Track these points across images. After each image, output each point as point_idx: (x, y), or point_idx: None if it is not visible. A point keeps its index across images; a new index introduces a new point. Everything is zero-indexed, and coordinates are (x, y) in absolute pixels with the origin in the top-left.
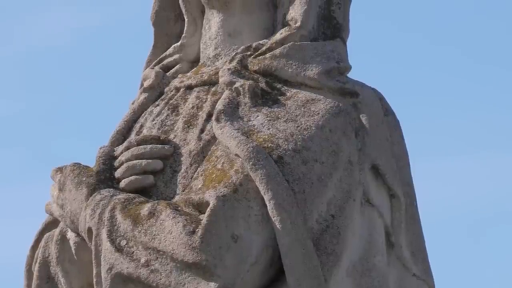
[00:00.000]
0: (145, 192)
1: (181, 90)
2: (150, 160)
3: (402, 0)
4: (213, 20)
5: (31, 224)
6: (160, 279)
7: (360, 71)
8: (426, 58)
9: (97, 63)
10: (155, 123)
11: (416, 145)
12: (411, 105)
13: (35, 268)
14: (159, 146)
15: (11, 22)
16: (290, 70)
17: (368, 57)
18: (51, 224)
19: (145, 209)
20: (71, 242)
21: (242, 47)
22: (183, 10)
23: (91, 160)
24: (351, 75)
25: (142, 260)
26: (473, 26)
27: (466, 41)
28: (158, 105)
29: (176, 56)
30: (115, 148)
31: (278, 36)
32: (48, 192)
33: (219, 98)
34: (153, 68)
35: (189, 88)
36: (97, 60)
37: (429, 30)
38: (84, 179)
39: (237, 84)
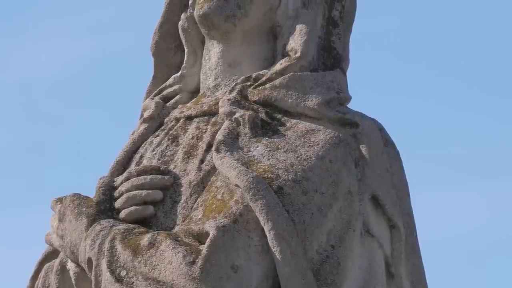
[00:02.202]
0: (145, 222)
1: (181, 120)
2: (150, 191)
3: (402, 31)
4: (213, 51)
5: (29, 254)
6: None
7: (360, 101)
8: (426, 89)
9: (92, 93)
10: (155, 154)
11: (416, 175)
12: (411, 136)
13: None
14: (159, 176)
15: (4, 53)
16: (290, 100)
17: (368, 88)
18: (51, 254)
19: (145, 239)
20: (71, 273)
21: (242, 77)
22: (183, 41)
23: (87, 190)
24: (351, 105)
25: None
26: (470, 57)
27: (464, 73)
28: (158, 135)
29: (176, 87)
30: (115, 179)
31: (278, 66)
32: (44, 222)
33: (219, 128)
34: (153, 99)
35: (189, 118)
36: (92, 90)
37: (428, 62)
38: (84, 209)
39: (237, 115)
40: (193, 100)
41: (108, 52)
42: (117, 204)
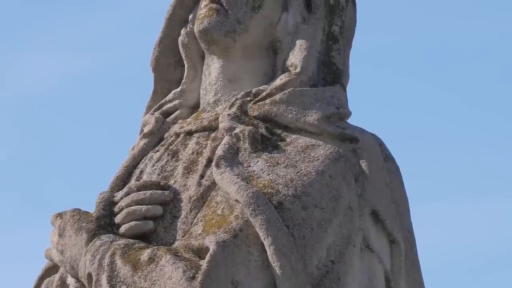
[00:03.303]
0: (145, 237)
1: (181, 135)
2: (150, 206)
3: (401, 47)
4: (213, 66)
5: (28, 270)
6: None
7: (360, 116)
8: (426, 104)
9: (91, 108)
10: (155, 169)
11: (416, 190)
12: (411, 151)
13: None
14: (159, 192)
15: (2, 67)
16: (290, 115)
17: (368, 103)
18: (51, 269)
19: (145, 254)
20: None
21: (242, 92)
22: (183, 56)
23: (87, 205)
24: (351, 120)
25: None
26: (469, 72)
27: (463, 88)
28: (158, 150)
29: (176, 102)
30: (115, 194)
31: (278, 81)
32: (44, 237)
33: (219, 143)
34: (153, 114)
35: (189, 133)
36: (91, 104)
37: (428, 77)
38: (84, 224)
39: (237, 130)
40: (193, 115)
41: (107, 66)
42: (117, 219)
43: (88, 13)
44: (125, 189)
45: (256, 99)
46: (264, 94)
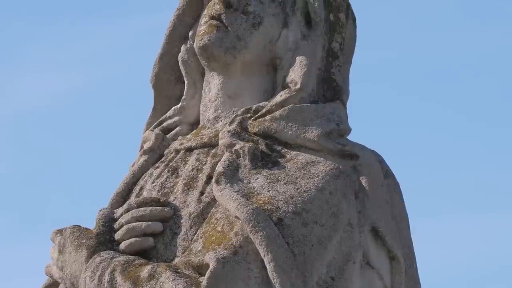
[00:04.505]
0: (145, 254)
1: (181, 152)
2: (150, 222)
3: (401, 63)
4: (213, 83)
5: (28, 286)
6: None
7: (360, 133)
8: (426, 120)
9: (92, 125)
10: (155, 185)
11: (416, 206)
12: (411, 167)
13: None
14: (159, 208)
15: None
16: (290, 132)
17: (368, 119)
18: (51, 286)
19: (145, 271)
20: None
21: (242, 109)
22: (183, 73)
23: (87, 222)
24: (351, 137)
25: None
26: (469, 88)
27: (463, 103)
28: (158, 167)
29: (176, 118)
30: (115, 210)
31: (278, 98)
32: (43, 254)
33: (219, 160)
34: (153, 130)
35: (189, 150)
36: (91, 121)
37: (427, 93)
38: (84, 241)
39: (237, 146)
40: (193, 131)
41: (107, 83)
42: (117, 235)
43: (84, 30)
44: (125, 206)
45: (256, 115)
46: (264, 110)
